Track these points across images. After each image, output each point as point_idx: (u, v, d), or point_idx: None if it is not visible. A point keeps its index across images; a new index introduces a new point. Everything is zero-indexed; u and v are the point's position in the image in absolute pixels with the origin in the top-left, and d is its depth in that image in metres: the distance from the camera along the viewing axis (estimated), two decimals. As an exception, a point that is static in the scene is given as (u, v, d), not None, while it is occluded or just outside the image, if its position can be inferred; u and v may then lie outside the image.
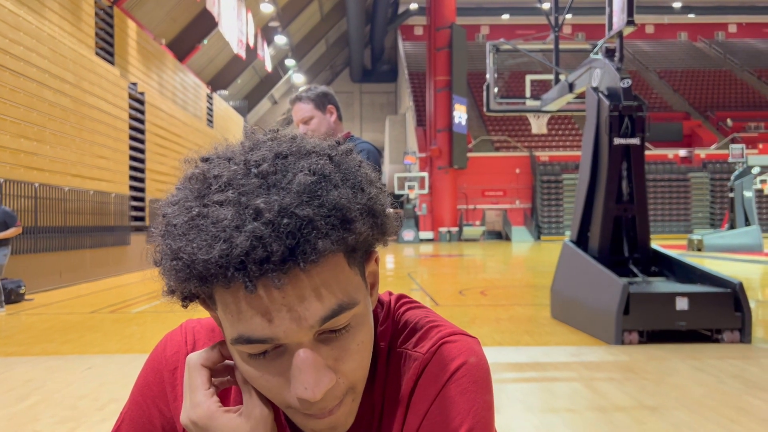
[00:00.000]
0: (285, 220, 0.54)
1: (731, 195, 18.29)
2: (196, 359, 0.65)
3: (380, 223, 0.63)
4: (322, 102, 2.87)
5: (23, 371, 4.49)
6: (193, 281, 0.57)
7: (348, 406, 0.64)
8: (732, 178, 18.41)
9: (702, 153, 32.97)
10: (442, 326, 0.71)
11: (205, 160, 0.63)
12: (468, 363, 0.67)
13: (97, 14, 13.08)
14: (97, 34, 13.06)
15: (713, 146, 33.46)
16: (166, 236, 0.59)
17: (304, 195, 0.56)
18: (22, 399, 3.78)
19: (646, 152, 6.53)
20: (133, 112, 13.99)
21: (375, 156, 2.76)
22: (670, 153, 32.91)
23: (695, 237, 19.05)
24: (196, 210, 0.57)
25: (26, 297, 8.88)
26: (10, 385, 4.11)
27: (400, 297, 0.77)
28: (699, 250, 18.20)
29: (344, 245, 0.59)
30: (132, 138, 13.88)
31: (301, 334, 0.58)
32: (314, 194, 0.57)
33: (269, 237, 0.54)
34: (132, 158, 13.85)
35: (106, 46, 13.47)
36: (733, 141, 31.59)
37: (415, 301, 0.77)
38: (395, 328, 0.73)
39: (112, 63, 13.50)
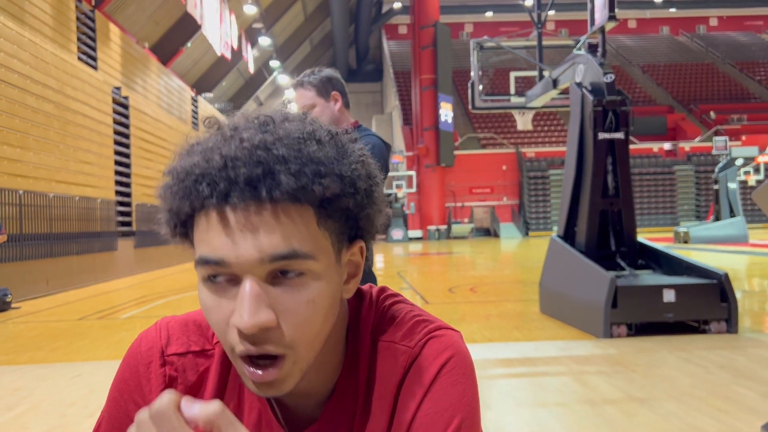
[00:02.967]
0: (260, 152, 0.61)
1: (716, 187, 18.45)
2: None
3: (360, 201, 0.65)
4: (325, 88, 2.57)
5: (11, 380, 4.45)
6: (177, 197, 0.63)
7: (287, 369, 0.64)
8: (716, 170, 18.57)
9: (686, 146, 33.26)
10: (428, 321, 0.73)
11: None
12: (456, 356, 0.70)
13: (78, 19, 12.96)
14: (79, 39, 12.94)
15: (697, 139, 33.75)
16: (169, 165, 0.66)
17: (287, 138, 0.62)
18: (11, 408, 3.75)
19: (631, 146, 6.58)
20: (118, 117, 13.88)
21: (381, 149, 2.49)
22: (654, 146, 33.17)
23: (681, 229, 19.21)
24: (198, 140, 0.66)
25: (13, 305, 8.79)
26: (-2, 395, 4.07)
27: (383, 290, 0.79)
28: (685, 242, 18.36)
29: (311, 197, 0.61)
30: (117, 143, 13.77)
31: (252, 263, 0.60)
32: (296, 142, 0.63)
33: (240, 161, 0.60)
34: (117, 163, 13.75)
35: (89, 51, 13.35)
36: (717, 133, 31.87)
37: (398, 294, 0.79)
38: (380, 320, 0.75)
39: (95, 68, 13.38)
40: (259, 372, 0.63)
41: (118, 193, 13.76)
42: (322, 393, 0.73)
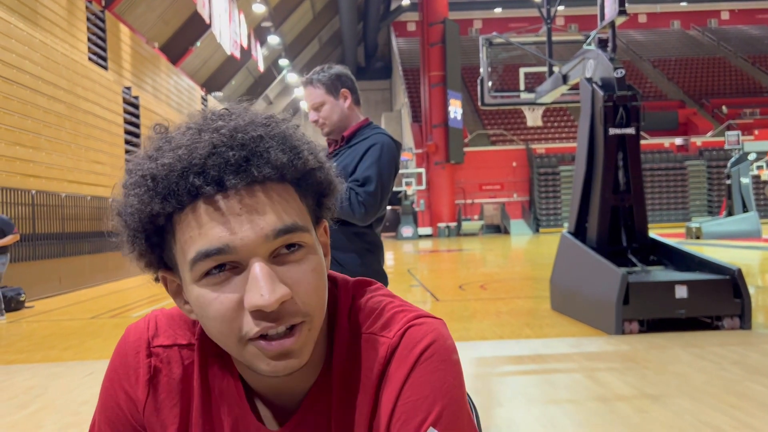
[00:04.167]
0: (239, 134, 0.62)
1: (728, 182, 18.29)
2: None
3: (327, 175, 0.69)
4: (334, 85, 2.49)
5: (25, 379, 4.50)
6: (156, 200, 0.61)
7: (304, 337, 0.64)
8: (728, 165, 18.42)
9: (698, 141, 33.00)
10: (408, 310, 0.72)
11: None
12: (436, 342, 0.68)
13: (89, 19, 13.03)
14: (89, 39, 13.01)
15: (709, 134, 33.48)
16: (130, 175, 0.64)
17: (257, 123, 0.64)
18: (25, 406, 3.79)
19: (642, 142, 6.54)
20: (128, 116, 13.96)
21: (391, 147, 2.41)
22: (666, 142, 32.93)
23: (693, 225, 19.07)
24: (161, 143, 0.64)
25: (26, 304, 8.87)
26: (12, 393, 4.11)
27: (362, 281, 0.78)
28: (697, 237, 18.23)
29: (294, 172, 0.64)
30: (128, 142, 13.87)
31: (257, 243, 0.61)
32: (265, 124, 0.65)
33: (224, 146, 0.61)
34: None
35: (99, 51, 13.42)
36: (729, 128, 31.55)
37: (377, 283, 0.78)
38: (360, 311, 0.74)
39: (105, 68, 13.45)
40: (275, 343, 0.62)
41: (129, 192, 13.82)
42: (306, 385, 0.72)
